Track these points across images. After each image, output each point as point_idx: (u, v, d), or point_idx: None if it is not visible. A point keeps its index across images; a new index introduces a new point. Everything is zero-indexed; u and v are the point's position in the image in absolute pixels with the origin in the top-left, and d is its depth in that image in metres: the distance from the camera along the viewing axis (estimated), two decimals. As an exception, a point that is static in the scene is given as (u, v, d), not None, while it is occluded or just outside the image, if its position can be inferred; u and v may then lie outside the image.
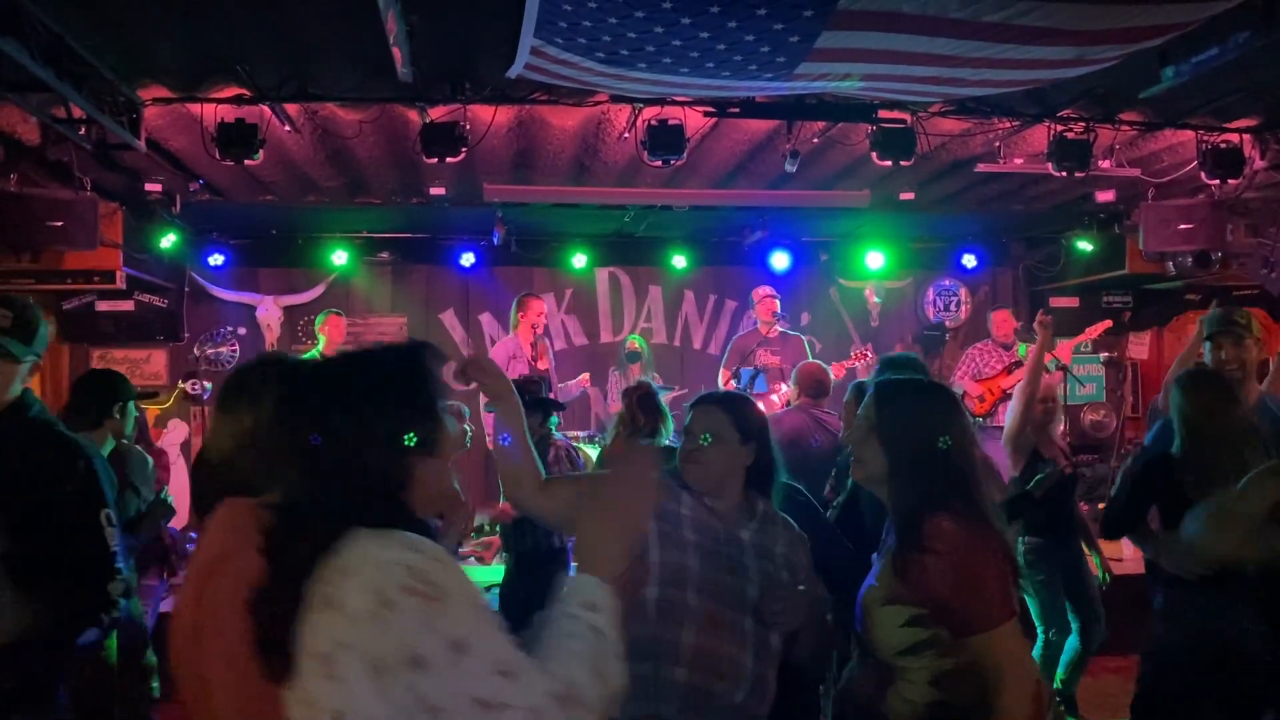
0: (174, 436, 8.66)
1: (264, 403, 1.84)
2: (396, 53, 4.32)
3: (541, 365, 7.53)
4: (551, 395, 5.37)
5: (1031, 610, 4.83)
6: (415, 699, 1.32)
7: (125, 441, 4.06)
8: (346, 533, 1.41)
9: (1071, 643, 4.83)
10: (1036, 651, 4.82)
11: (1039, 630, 4.87)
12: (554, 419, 4.80)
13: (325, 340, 7.93)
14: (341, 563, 1.38)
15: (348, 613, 1.34)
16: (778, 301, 7.78)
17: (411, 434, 1.52)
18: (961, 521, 2.18)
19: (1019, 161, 6.49)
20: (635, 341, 8.60)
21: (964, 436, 2.34)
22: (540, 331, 7.68)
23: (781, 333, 7.77)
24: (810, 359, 7.67)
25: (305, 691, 1.36)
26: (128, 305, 8.56)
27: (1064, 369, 7.22)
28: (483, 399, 7.67)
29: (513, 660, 1.38)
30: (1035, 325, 5.04)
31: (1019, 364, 7.77)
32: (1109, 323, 8.35)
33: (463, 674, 1.33)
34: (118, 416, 3.91)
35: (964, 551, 2.17)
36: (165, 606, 4.70)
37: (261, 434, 1.82)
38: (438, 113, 5.54)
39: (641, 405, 4.40)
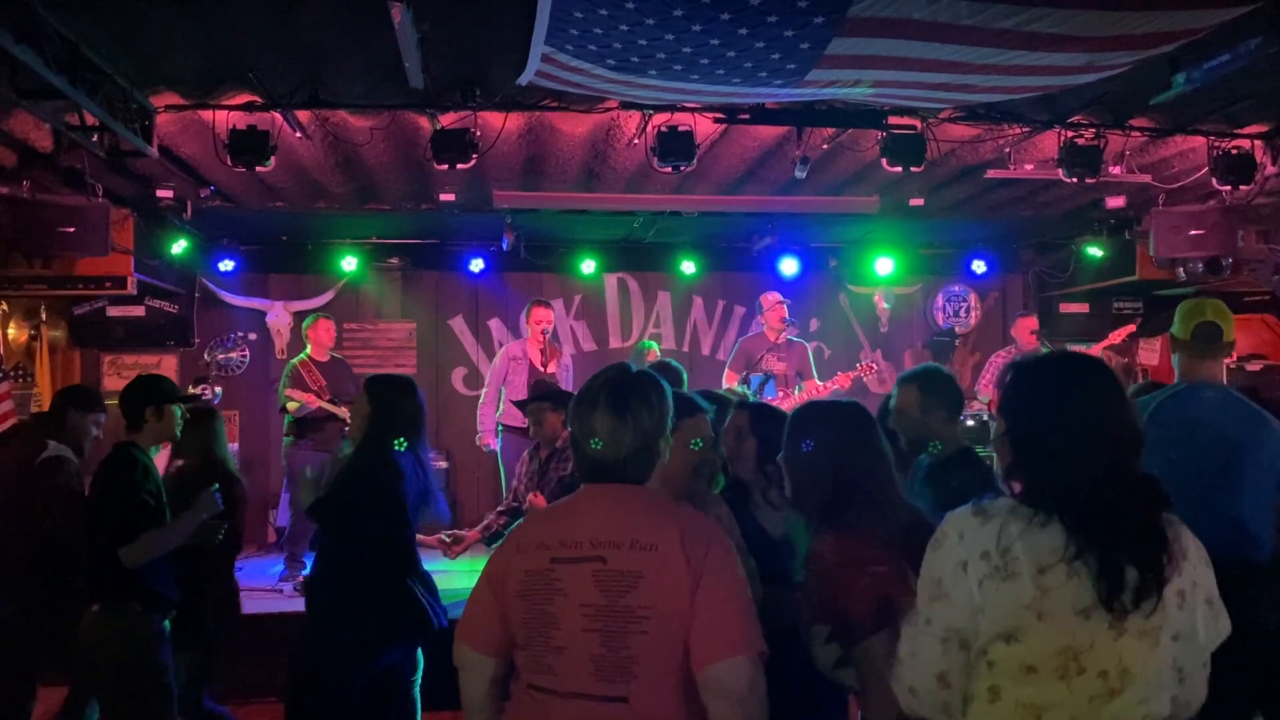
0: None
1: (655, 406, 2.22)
2: (408, 60, 4.33)
3: (550, 369, 7.56)
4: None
5: None
6: None
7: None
8: None
9: None
10: None
11: None
12: None
13: (312, 344, 7.85)
14: None
15: None
16: (786, 308, 7.77)
17: None
18: (842, 538, 2.28)
19: (1029, 167, 6.48)
20: (654, 350, 8.60)
21: (861, 454, 2.57)
22: (548, 336, 7.70)
23: (788, 339, 7.77)
24: (813, 367, 7.71)
25: None
26: (139, 311, 8.59)
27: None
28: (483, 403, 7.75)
29: None
30: None
31: None
32: (1132, 327, 8.30)
33: None
34: (152, 420, 3.95)
35: (834, 567, 2.32)
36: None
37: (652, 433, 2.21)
38: (448, 119, 5.56)
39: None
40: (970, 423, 7.96)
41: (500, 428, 7.64)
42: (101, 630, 3.76)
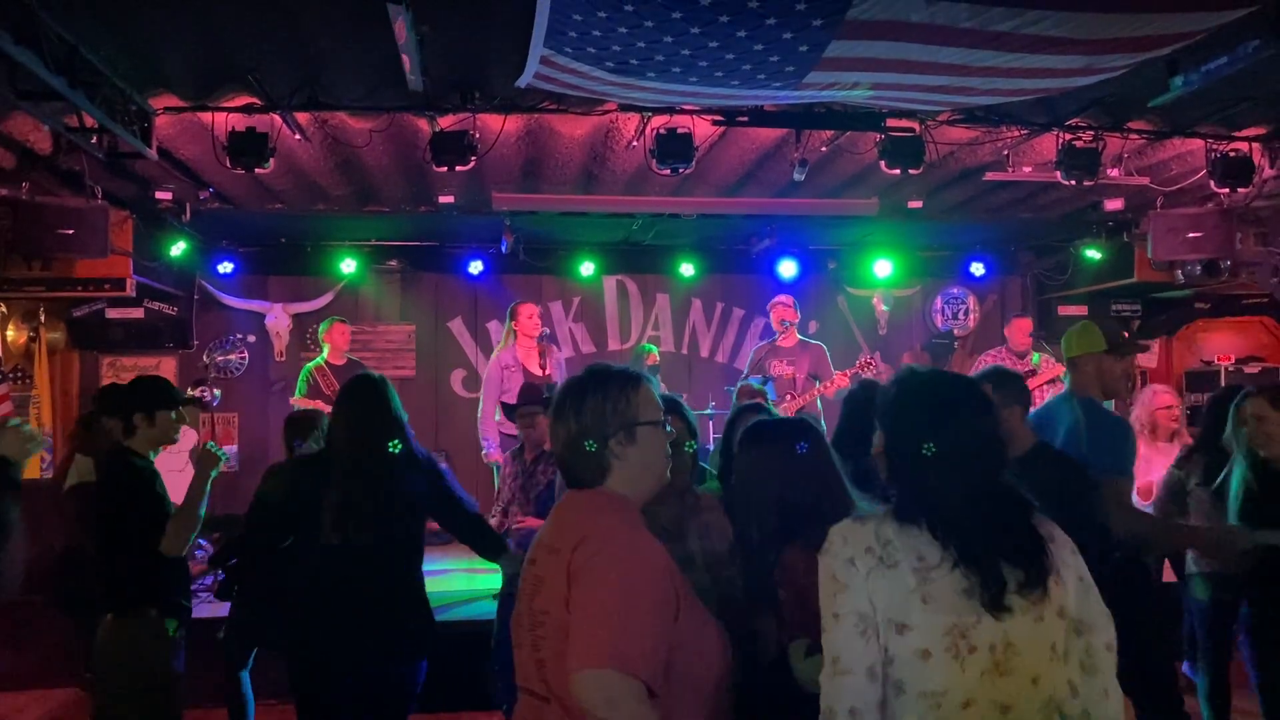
0: (182, 444, 8.69)
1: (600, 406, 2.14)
2: (407, 62, 4.34)
3: (548, 371, 7.46)
4: None
5: None
6: None
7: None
8: None
9: None
10: None
11: None
12: None
13: (329, 348, 7.93)
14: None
15: None
16: (790, 310, 7.66)
17: None
18: (809, 549, 2.25)
19: (1028, 170, 6.49)
20: (653, 353, 8.59)
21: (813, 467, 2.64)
22: (535, 335, 7.43)
23: (801, 340, 7.65)
24: (830, 368, 7.58)
25: None
26: (138, 313, 8.58)
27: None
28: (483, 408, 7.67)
29: None
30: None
31: (1033, 373, 7.74)
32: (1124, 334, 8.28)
33: None
34: (142, 425, 3.86)
35: (805, 577, 2.24)
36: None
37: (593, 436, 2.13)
38: (447, 122, 5.57)
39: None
40: None
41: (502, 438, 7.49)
42: (118, 638, 3.76)
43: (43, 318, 8.01)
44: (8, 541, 2.57)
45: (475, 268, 9.29)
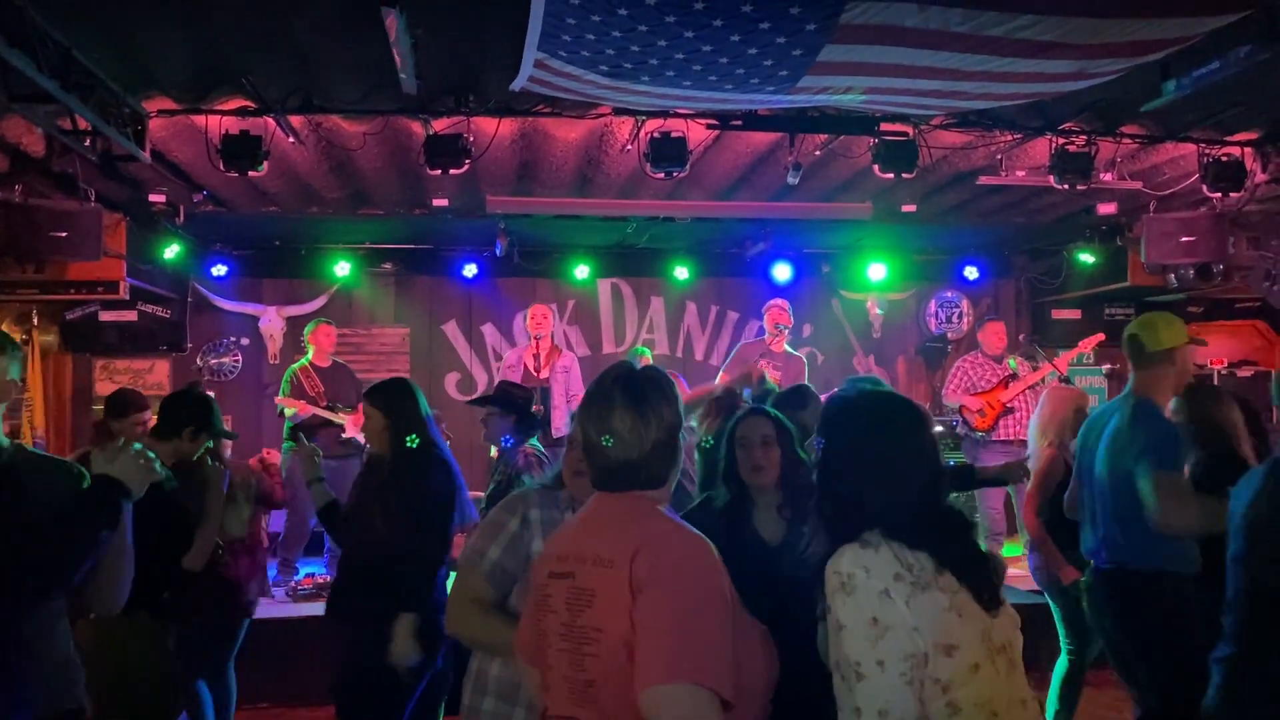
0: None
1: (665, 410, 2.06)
2: (401, 65, 4.33)
3: (542, 373, 7.52)
4: (537, 409, 5.18)
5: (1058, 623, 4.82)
6: None
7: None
8: None
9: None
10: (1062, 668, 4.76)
11: (1064, 645, 4.79)
12: (533, 439, 4.62)
13: (314, 349, 7.88)
14: None
15: None
16: (785, 314, 7.69)
17: None
18: None
19: (1021, 174, 6.50)
20: (646, 355, 8.58)
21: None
22: (535, 334, 7.70)
23: (787, 351, 7.69)
24: (808, 382, 7.62)
25: None
26: (131, 316, 8.57)
27: (1064, 380, 7.25)
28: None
29: None
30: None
31: (1013, 377, 7.73)
32: (1101, 336, 8.30)
33: None
34: (186, 440, 3.88)
35: None
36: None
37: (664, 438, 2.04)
38: (441, 125, 5.57)
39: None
40: (939, 429, 7.94)
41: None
42: (107, 640, 3.74)
43: (35, 320, 7.99)
44: (99, 565, 2.54)
45: (469, 271, 9.29)
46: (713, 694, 1.77)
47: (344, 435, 7.60)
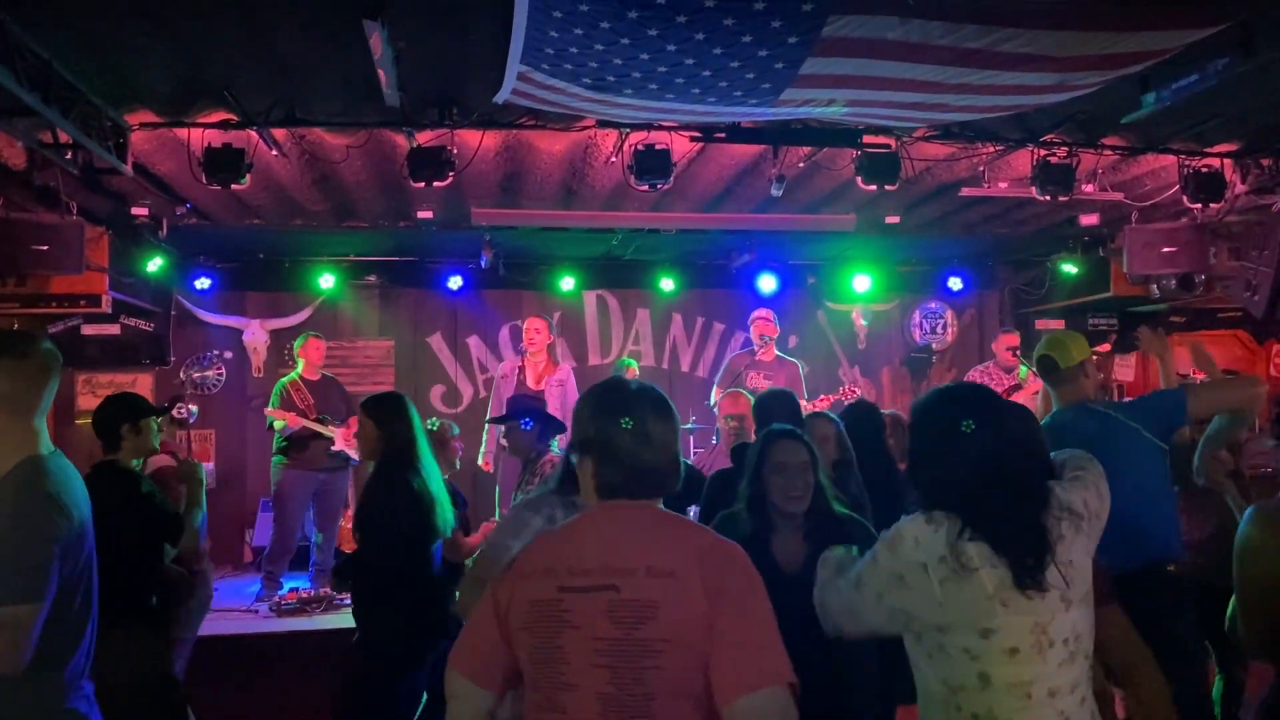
0: (159, 460, 8.61)
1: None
2: (384, 78, 4.33)
3: (538, 385, 7.53)
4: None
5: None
6: None
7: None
8: None
9: None
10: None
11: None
12: (553, 443, 4.77)
13: (304, 363, 7.90)
14: None
15: None
16: (770, 324, 7.77)
17: None
18: None
19: (1003, 186, 6.54)
20: (632, 367, 8.56)
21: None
22: (529, 348, 7.74)
23: (778, 356, 7.75)
24: (803, 387, 7.68)
25: None
26: (114, 329, 8.50)
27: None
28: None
29: None
30: (1146, 336, 4.72)
31: (1019, 387, 7.79)
32: (1106, 346, 8.37)
33: None
34: (129, 436, 3.98)
35: None
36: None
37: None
38: (425, 137, 5.56)
39: None
40: None
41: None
42: (110, 649, 3.72)
43: (17, 334, 7.92)
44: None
45: (454, 283, 9.27)
46: (791, 690, 1.87)
47: (333, 448, 7.59)
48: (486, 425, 7.73)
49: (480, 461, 7.78)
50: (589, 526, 2.05)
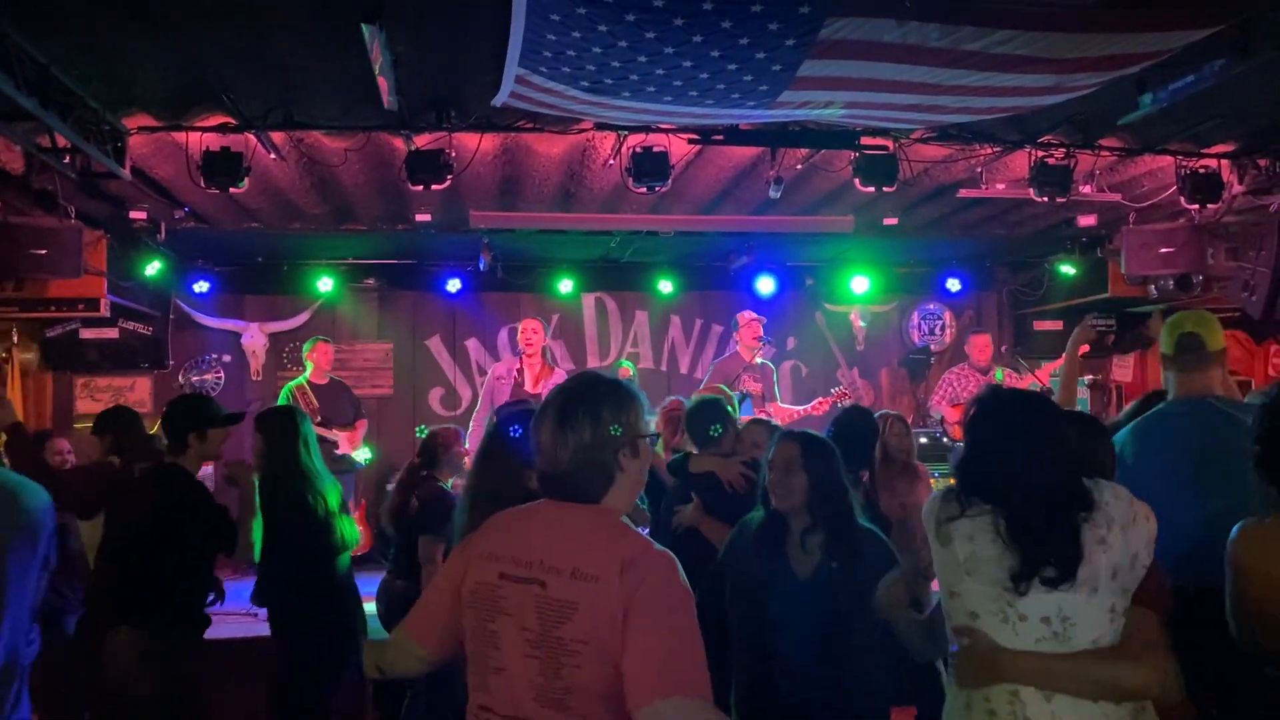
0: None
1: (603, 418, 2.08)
2: (382, 81, 4.33)
3: (536, 388, 7.54)
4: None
5: None
6: None
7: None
8: None
9: None
10: None
11: None
12: None
13: (313, 367, 7.95)
14: None
15: None
16: (761, 326, 7.79)
17: None
18: None
19: (1001, 187, 6.54)
20: (628, 368, 8.55)
21: None
22: (527, 350, 7.74)
23: (760, 361, 7.78)
24: (775, 391, 7.74)
25: None
26: (112, 333, 8.51)
27: (1047, 391, 7.27)
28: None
29: None
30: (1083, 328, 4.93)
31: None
32: (1085, 347, 8.35)
33: None
34: (195, 444, 4.00)
35: None
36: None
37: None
38: (423, 140, 5.56)
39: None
40: (924, 440, 7.97)
41: None
42: (137, 652, 3.71)
43: (15, 338, 7.93)
44: None
45: (453, 286, 9.28)
46: (702, 700, 1.87)
47: (337, 452, 7.63)
48: (471, 427, 7.70)
49: (467, 464, 7.76)
50: (533, 518, 2.12)
